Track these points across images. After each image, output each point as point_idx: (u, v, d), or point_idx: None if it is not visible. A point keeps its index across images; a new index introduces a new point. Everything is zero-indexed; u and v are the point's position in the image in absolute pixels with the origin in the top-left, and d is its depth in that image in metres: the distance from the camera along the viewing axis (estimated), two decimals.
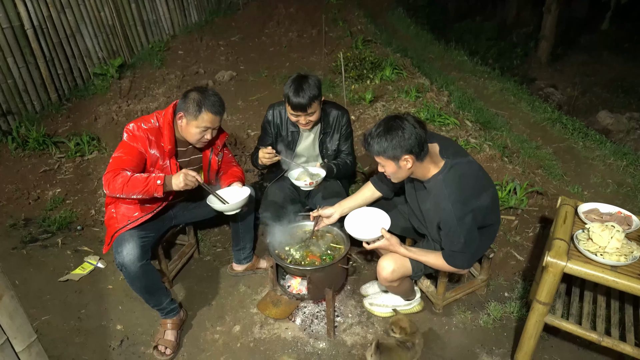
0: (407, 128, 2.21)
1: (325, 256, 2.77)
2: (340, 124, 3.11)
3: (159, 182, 2.50)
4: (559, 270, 2.13)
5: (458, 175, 2.32)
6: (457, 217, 2.26)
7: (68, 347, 2.81)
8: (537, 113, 5.51)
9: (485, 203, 2.37)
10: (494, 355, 2.70)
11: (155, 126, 2.66)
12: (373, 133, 2.27)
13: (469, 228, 2.30)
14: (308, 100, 2.78)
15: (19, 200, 4.06)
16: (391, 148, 2.22)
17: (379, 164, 2.37)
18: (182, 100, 2.63)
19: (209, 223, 3.75)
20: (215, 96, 2.62)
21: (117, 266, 2.57)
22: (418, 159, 2.27)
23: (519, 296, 3.05)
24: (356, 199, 2.83)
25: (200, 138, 2.65)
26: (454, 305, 3.01)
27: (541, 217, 3.65)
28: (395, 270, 2.49)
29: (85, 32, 5.54)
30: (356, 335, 2.83)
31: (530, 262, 3.30)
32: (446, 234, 2.34)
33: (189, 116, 2.59)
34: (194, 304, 3.08)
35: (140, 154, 2.60)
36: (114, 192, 2.50)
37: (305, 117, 2.87)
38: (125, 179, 2.48)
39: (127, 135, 2.61)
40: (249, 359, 2.71)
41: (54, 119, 5.10)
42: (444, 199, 2.28)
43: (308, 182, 2.91)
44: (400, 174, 2.34)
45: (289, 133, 3.09)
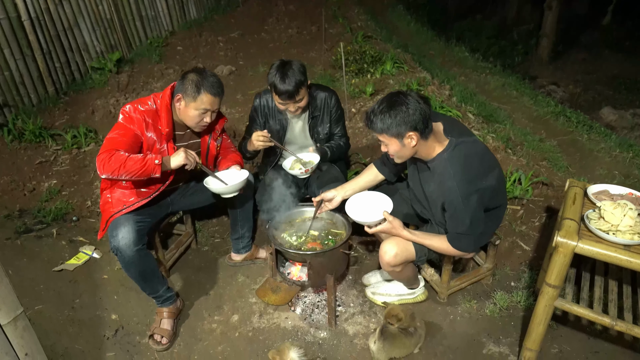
0: (411, 103, 2.13)
1: (326, 241, 2.68)
2: (329, 106, 3.01)
3: (157, 162, 2.41)
4: (570, 251, 2.05)
5: (463, 154, 2.24)
6: (463, 196, 2.18)
7: (61, 337, 2.72)
8: (540, 107, 5.43)
9: (491, 183, 2.29)
10: (501, 344, 2.61)
11: (152, 108, 2.57)
12: (376, 110, 2.20)
13: (475, 209, 2.22)
14: (295, 87, 2.69)
15: (14, 192, 3.98)
16: (395, 125, 2.15)
17: (381, 142, 2.29)
18: (180, 81, 2.55)
19: (207, 213, 3.67)
20: (213, 77, 2.54)
21: (112, 250, 2.49)
22: (422, 136, 2.19)
23: (525, 285, 2.96)
24: (358, 181, 2.75)
25: (199, 121, 2.57)
26: (458, 294, 2.92)
27: (547, 207, 3.57)
28: (398, 254, 2.40)
29: (83, 25, 5.47)
30: (358, 324, 2.75)
31: (536, 251, 3.22)
32: (451, 215, 2.26)
33: (187, 98, 2.51)
34: (191, 293, 2.99)
35: (135, 136, 2.51)
36: (108, 172, 2.36)
37: (293, 104, 2.79)
38: (121, 159, 2.36)
39: (123, 117, 2.53)
40: (247, 348, 2.62)
41: (51, 112, 5.02)
42: (449, 178, 2.20)
43: (303, 169, 2.82)
44: (404, 153, 2.26)
45: (277, 121, 3.01)
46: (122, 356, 2.61)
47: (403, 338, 2.41)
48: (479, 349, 2.59)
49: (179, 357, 2.60)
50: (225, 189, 2.58)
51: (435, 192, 2.31)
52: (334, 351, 2.59)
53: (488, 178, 2.27)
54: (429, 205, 2.46)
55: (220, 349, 2.63)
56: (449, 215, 2.27)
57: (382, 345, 2.39)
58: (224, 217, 3.63)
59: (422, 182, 2.45)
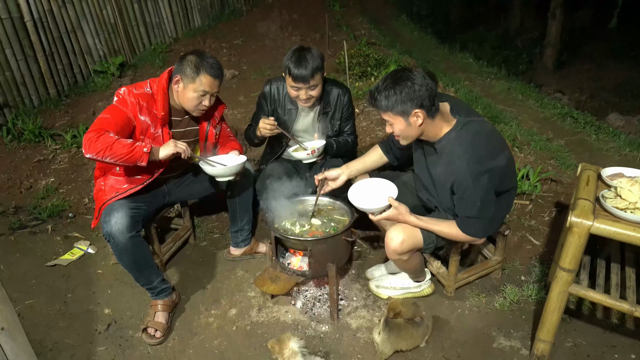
0: (417, 79, 2.05)
1: (329, 229, 2.58)
2: (342, 103, 2.95)
3: (146, 150, 2.30)
4: (585, 231, 1.94)
5: (472, 133, 2.15)
6: (473, 176, 2.08)
7: (51, 331, 2.61)
8: (546, 109, 5.35)
9: (501, 164, 2.18)
10: (512, 338, 2.48)
11: (148, 92, 2.50)
12: (380, 87, 2.11)
13: (485, 190, 2.12)
14: (311, 72, 2.63)
15: (10, 190, 3.91)
16: (400, 102, 2.06)
17: (386, 122, 2.20)
18: (178, 63, 2.48)
19: (207, 209, 3.58)
20: (213, 59, 2.47)
21: (105, 237, 2.39)
22: (429, 114, 2.10)
23: (536, 279, 2.83)
24: (364, 161, 2.66)
25: (197, 104, 2.49)
26: (466, 288, 2.79)
27: (556, 202, 3.46)
28: (405, 240, 2.29)
29: (86, 28, 5.47)
30: (361, 318, 2.62)
31: (547, 246, 3.10)
32: (460, 197, 2.16)
33: (186, 79, 2.43)
34: (188, 288, 2.88)
35: (127, 119, 2.42)
36: (93, 152, 2.21)
37: (307, 90, 2.71)
38: (109, 140, 2.24)
39: (117, 99, 2.45)
40: (245, 342, 2.50)
41: (52, 114, 4.98)
42: (458, 158, 2.10)
43: (309, 151, 2.72)
44: (410, 133, 2.17)
45: (286, 111, 2.93)
46: (114, 350, 2.49)
47: (410, 329, 2.29)
48: (489, 343, 2.45)
49: (173, 351, 2.48)
50: (220, 171, 2.49)
51: (443, 174, 2.20)
52: (336, 345, 2.47)
53: (498, 158, 2.17)
54: (436, 190, 2.35)
55: (216, 343, 2.51)
56: (458, 198, 2.17)
57: (387, 337, 2.26)
58: (223, 213, 3.53)
59: (429, 166, 2.35)
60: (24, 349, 1.71)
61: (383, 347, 2.29)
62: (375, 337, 2.31)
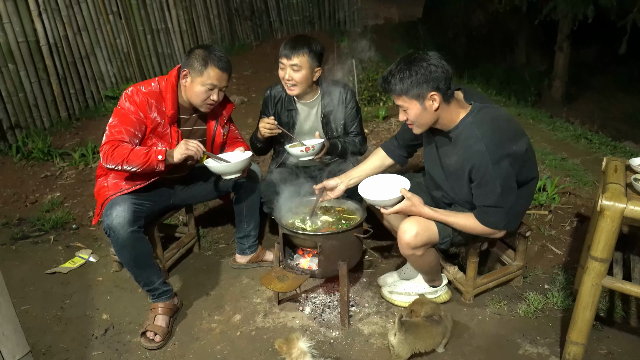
0: (433, 59, 1.98)
1: (340, 225, 2.45)
2: (345, 101, 2.88)
3: (160, 158, 2.30)
4: (618, 214, 1.80)
5: (489, 117, 2.06)
6: (493, 160, 1.97)
7: (45, 335, 2.46)
8: (558, 131, 5.26)
9: (522, 149, 2.08)
10: (538, 345, 2.28)
11: (155, 90, 2.46)
12: (393, 70, 2.03)
13: (506, 176, 2.00)
14: (296, 48, 2.61)
15: (15, 203, 3.84)
16: (416, 84, 1.98)
17: (400, 108, 2.11)
18: (186, 57, 2.45)
19: (212, 220, 3.47)
20: (221, 52, 2.44)
21: (105, 230, 2.29)
22: (445, 99, 2.03)
23: (561, 287, 2.65)
24: (364, 167, 2.55)
25: (205, 98, 2.44)
26: (486, 296, 2.62)
27: (577, 213, 3.31)
28: (419, 233, 2.16)
29: (100, 55, 5.57)
30: (374, 324, 2.45)
31: (570, 255, 2.93)
32: (479, 184, 2.04)
33: (193, 72, 2.40)
34: (190, 294, 2.74)
35: (138, 121, 2.39)
36: (112, 164, 2.30)
37: (290, 70, 2.65)
38: (125, 151, 2.29)
39: (125, 101, 2.40)
40: (249, 347, 2.33)
41: (62, 136, 4.99)
42: (476, 141, 2.00)
43: (303, 148, 2.60)
44: (425, 118, 2.08)
45: (287, 112, 2.88)
46: (110, 355, 2.34)
47: (428, 327, 2.12)
48: (514, 350, 2.26)
49: (173, 356, 2.32)
50: (226, 168, 2.40)
51: (460, 161, 2.09)
52: (347, 351, 2.29)
53: (519, 143, 2.07)
54: (451, 184, 2.24)
55: (219, 347, 2.34)
56: (477, 185, 2.05)
57: (403, 338, 2.09)
58: (229, 224, 3.42)
59: (442, 159, 2.25)
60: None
61: (400, 349, 2.11)
62: (391, 339, 2.13)
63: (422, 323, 2.12)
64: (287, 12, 8.81)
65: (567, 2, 7.01)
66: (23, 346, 1.62)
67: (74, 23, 5.21)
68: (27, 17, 4.70)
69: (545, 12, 7.32)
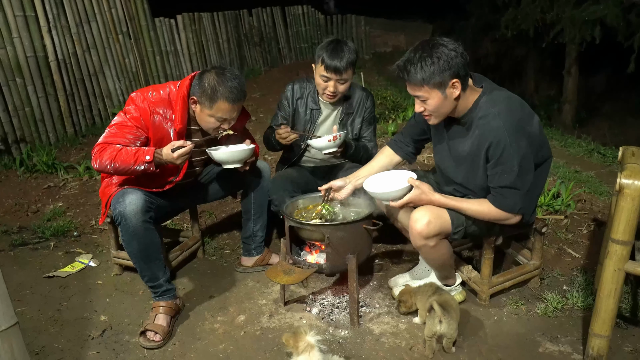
0: (450, 45, 1.92)
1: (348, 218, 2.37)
2: (364, 107, 2.86)
3: (148, 158, 2.17)
4: (638, 192, 1.71)
5: (503, 97, 2.01)
6: (510, 136, 1.91)
7: (39, 336, 2.35)
8: (571, 147, 5.20)
9: (536, 130, 2.02)
10: (560, 343, 2.15)
11: (165, 98, 2.33)
12: (413, 58, 1.94)
13: (524, 153, 1.93)
14: (345, 64, 2.55)
15: (17, 213, 3.77)
16: (438, 71, 1.89)
17: (418, 99, 2.03)
18: (197, 81, 2.29)
19: (217, 226, 3.40)
20: (234, 80, 2.24)
21: (116, 219, 2.20)
22: (463, 86, 1.97)
23: (581, 288, 2.53)
24: (372, 166, 2.48)
25: (216, 127, 2.34)
26: (502, 297, 2.50)
27: (594, 218, 3.20)
28: (431, 221, 2.06)
29: (108, 73, 5.61)
30: (385, 324, 2.33)
31: (588, 258, 2.81)
32: (496, 162, 1.95)
33: (203, 103, 2.26)
34: (193, 296, 2.63)
35: (138, 129, 2.27)
36: (102, 166, 2.20)
37: (336, 83, 2.62)
38: (113, 152, 2.18)
39: (128, 106, 2.31)
40: (254, 346, 2.21)
41: (67, 151, 4.97)
42: (494, 117, 1.94)
43: (331, 137, 2.54)
44: (444, 108, 2.01)
45: (309, 111, 2.84)
46: (106, 354, 2.22)
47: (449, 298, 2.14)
48: (534, 348, 2.13)
49: (173, 355, 2.19)
50: (226, 155, 2.33)
51: (475, 143, 2.01)
52: (357, 350, 2.16)
53: (533, 124, 2.01)
54: (465, 172, 2.14)
55: (221, 347, 2.22)
56: (494, 163, 1.96)
57: (449, 317, 2.01)
58: (234, 231, 3.33)
59: (454, 148, 2.17)
60: None
61: (451, 330, 2.04)
62: (438, 329, 2.02)
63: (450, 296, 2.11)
64: (296, 39, 8.95)
65: (574, 25, 7.07)
66: (10, 316, 1.51)
67: (84, 41, 5.27)
68: (36, 33, 4.76)
69: (552, 36, 7.37)
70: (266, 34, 8.46)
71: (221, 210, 3.64)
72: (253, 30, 8.17)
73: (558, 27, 7.29)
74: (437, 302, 2.01)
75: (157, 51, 6.31)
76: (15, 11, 4.61)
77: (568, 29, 7.15)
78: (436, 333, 2.04)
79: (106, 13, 5.51)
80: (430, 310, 2.04)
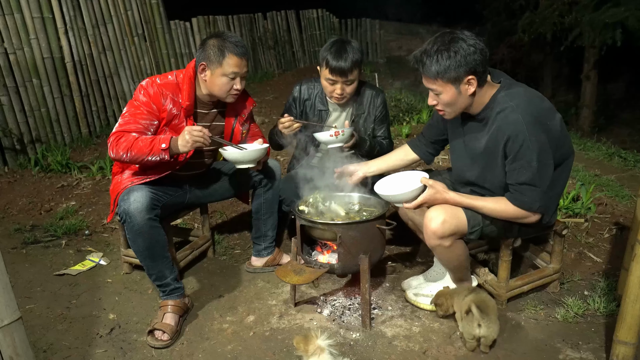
0: (470, 40, 1.87)
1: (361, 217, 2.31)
2: (375, 105, 2.80)
3: (164, 146, 2.17)
4: None
5: (522, 91, 1.95)
6: (529, 129, 1.85)
7: (48, 334, 2.33)
8: (590, 151, 5.08)
9: (557, 127, 1.95)
10: (581, 349, 2.06)
11: (172, 81, 2.38)
12: (429, 50, 1.90)
13: (543, 148, 1.87)
14: (350, 65, 2.49)
15: (30, 211, 3.79)
16: (454, 66, 1.85)
17: (431, 91, 1.98)
18: (200, 50, 2.35)
19: (228, 226, 3.36)
20: (235, 37, 2.34)
21: (121, 216, 2.19)
22: (480, 83, 1.91)
23: (603, 293, 2.43)
24: (386, 159, 2.45)
25: (229, 89, 2.34)
26: (519, 301, 2.42)
27: (615, 222, 3.10)
28: (446, 220, 2.00)
29: (123, 75, 5.65)
30: (398, 327, 2.26)
31: (610, 262, 2.71)
32: (514, 157, 1.89)
33: (212, 65, 2.29)
34: (202, 296, 2.59)
35: (150, 113, 2.29)
36: (118, 155, 2.21)
37: (343, 85, 2.56)
38: (129, 141, 2.19)
39: (139, 92, 2.33)
40: (262, 347, 2.16)
41: (82, 152, 4.99)
42: (512, 111, 1.87)
43: (333, 132, 2.49)
44: (458, 104, 1.96)
45: (317, 112, 2.79)
46: (114, 353, 2.18)
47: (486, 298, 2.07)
48: (554, 354, 2.04)
49: (180, 355, 2.15)
50: (240, 155, 2.30)
51: (493, 138, 1.95)
52: (369, 353, 2.10)
53: (554, 120, 1.94)
54: (482, 170, 2.08)
55: (230, 347, 2.17)
56: (512, 158, 1.90)
57: (489, 321, 1.96)
58: (245, 231, 3.28)
59: (470, 146, 2.11)
60: None
61: (492, 332, 1.99)
62: (477, 332, 1.97)
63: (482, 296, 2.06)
64: (310, 43, 8.95)
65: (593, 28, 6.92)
66: (12, 311, 1.48)
67: (99, 42, 5.31)
68: (53, 34, 4.81)
69: (570, 39, 7.24)
70: (280, 37, 8.47)
71: (232, 210, 3.61)
72: (267, 33, 8.19)
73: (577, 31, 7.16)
74: (475, 304, 1.95)
75: (172, 54, 6.34)
76: (33, 13, 4.66)
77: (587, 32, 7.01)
78: (475, 337, 1.99)
79: (122, 15, 5.55)
80: (468, 312, 1.97)
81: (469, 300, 2.00)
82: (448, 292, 2.21)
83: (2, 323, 1.47)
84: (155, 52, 6.09)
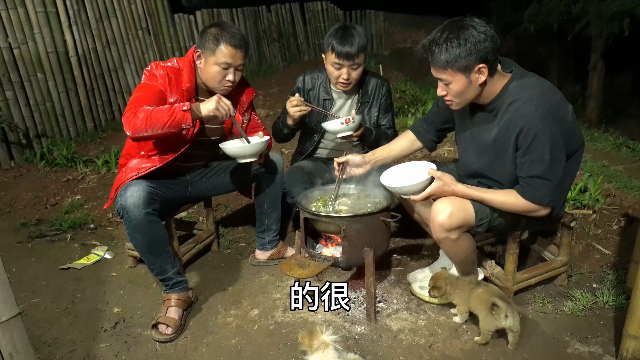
0: (480, 27, 1.81)
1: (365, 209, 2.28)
2: (380, 94, 2.77)
3: (185, 108, 2.12)
4: None
5: (535, 82, 1.90)
6: (542, 122, 1.80)
7: (53, 327, 2.33)
8: (597, 142, 5.02)
9: (570, 118, 1.90)
10: (590, 343, 2.03)
11: (175, 66, 2.36)
12: (438, 39, 1.84)
13: (555, 141, 1.82)
14: (356, 48, 2.47)
15: (36, 206, 3.80)
16: (464, 54, 1.79)
17: (441, 81, 1.93)
18: (199, 37, 2.34)
19: (233, 219, 3.35)
20: (235, 28, 2.32)
21: (118, 212, 2.18)
22: (490, 72, 1.86)
23: (612, 286, 2.39)
24: (391, 148, 2.41)
25: (221, 79, 2.32)
26: (526, 294, 2.39)
27: (624, 213, 3.05)
28: (454, 213, 1.96)
29: (127, 69, 5.64)
30: (404, 320, 2.23)
31: (619, 254, 2.67)
32: (526, 150, 1.85)
33: (206, 52, 2.29)
34: (207, 289, 2.58)
35: (160, 92, 2.27)
36: (135, 130, 2.11)
37: (349, 69, 2.53)
38: (146, 112, 2.11)
39: (146, 76, 2.33)
40: (267, 341, 2.14)
41: (87, 146, 5.00)
42: (525, 102, 1.83)
43: (343, 119, 2.45)
44: (468, 94, 1.91)
45: (321, 102, 2.76)
46: (118, 347, 2.18)
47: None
48: (562, 348, 2.01)
49: (184, 349, 2.14)
50: (240, 149, 2.28)
51: (504, 130, 1.91)
52: (374, 346, 2.08)
53: (567, 112, 1.90)
54: (491, 163, 2.03)
55: (234, 341, 2.16)
56: (524, 151, 1.86)
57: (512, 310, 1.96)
58: (250, 225, 3.27)
59: (479, 137, 2.05)
60: None
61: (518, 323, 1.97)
62: (504, 324, 1.96)
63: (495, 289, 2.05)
64: (314, 35, 8.89)
65: (600, 18, 6.82)
66: (11, 307, 1.47)
67: (104, 36, 5.30)
68: (57, 29, 4.81)
69: (577, 29, 7.14)
70: (285, 30, 8.42)
71: (237, 203, 3.59)
72: (272, 26, 8.14)
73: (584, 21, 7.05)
74: (497, 297, 1.95)
75: (176, 47, 6.32)
76: (37, 7, 4.65)
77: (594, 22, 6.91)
78: (498, 327, 1.98)
79: (126, 9, 5.53)
80: (492, 307, 1.95)
81: (487, 296, 1.99)
82: (446, 276, 2.17)
83: (1, 319, 1.46)
84: (159, 46, 6.07)
